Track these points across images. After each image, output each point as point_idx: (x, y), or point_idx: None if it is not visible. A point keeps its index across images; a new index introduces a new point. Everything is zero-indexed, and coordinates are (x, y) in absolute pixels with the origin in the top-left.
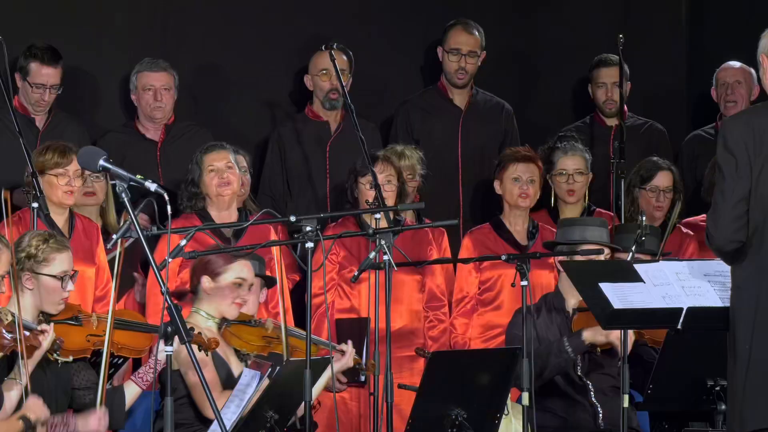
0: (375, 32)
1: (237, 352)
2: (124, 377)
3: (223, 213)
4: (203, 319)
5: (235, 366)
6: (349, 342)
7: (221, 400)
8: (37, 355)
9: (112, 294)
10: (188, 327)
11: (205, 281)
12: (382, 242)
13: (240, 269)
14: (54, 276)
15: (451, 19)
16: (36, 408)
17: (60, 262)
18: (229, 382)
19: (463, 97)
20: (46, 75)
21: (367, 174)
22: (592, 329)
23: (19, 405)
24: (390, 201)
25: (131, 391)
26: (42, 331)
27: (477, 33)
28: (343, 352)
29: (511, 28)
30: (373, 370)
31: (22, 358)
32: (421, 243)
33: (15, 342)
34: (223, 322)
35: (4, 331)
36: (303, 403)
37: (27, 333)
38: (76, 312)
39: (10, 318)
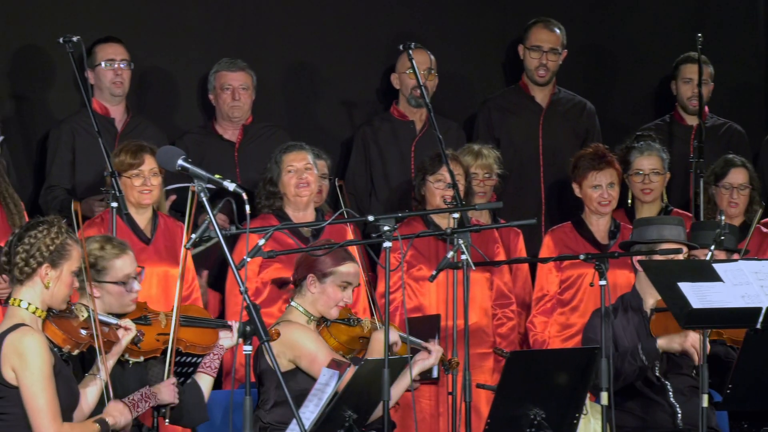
0: (457, 31)
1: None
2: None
3: (300, 213)
4: (301, 315)
5: None
6: (437, 339)
7: None
8: (116, 350)
9: (177, 291)
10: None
11: (311, 280)
12: (460, 242)
13: (348, 271)
14: (117, 283)
15: (532, 17)
16: (115, 412)
17: (121, 266)
18: None
19: (545, 95)
20: (112, 51)
21: (437, 172)
22: (667, 337)
23: (99, 402)
24: (462, 200)
25: (205, 383)
26: (120, 327)
27: (558, 31)
28: (429, 351)
29: (591, 26)
30: (456, 367)
31: (100, 353)
32: (488, 241)
33: (91, 338)
34: (323, 321)
35: (80, 327)
36: (381, 402)
37: (105, 329)
38: (144, 311)
39: (85, 314)
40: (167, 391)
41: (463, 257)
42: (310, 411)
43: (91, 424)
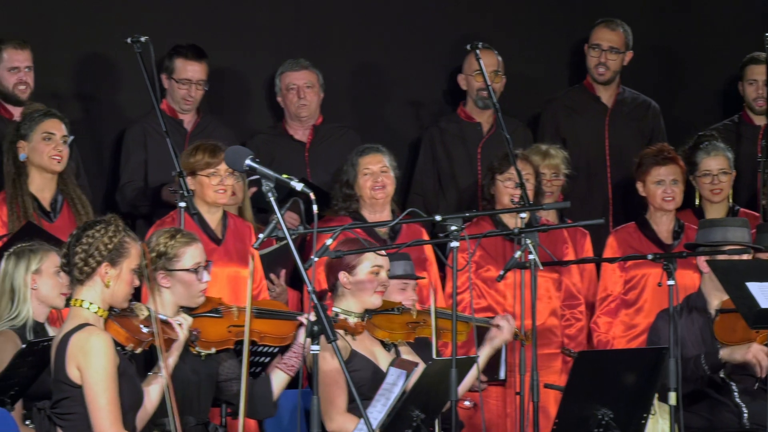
0: (524, 31)
1: (383, 343)
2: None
3: (377, 215)
4: (345, 317)
5: (383, 360)
6: (508, 315)
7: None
8: (176, 347)
9: (249, 283)
10: (334, 315)
11: (343, 276)
12: (528, 241)
13: (375, 258)
14: (187, 270)
15: (599, 17)
16: None
17: (191, 254)
18: (376, 379)
19: (610, 94)
20: (192, 70)
21: (506, 172)
22: (729, 348)
23: (161, 401)
24: (530, 200)
25: (278, 379)
26: (178, 323)
27: (621, 30)
28: (499, 326)
29: (658, 26)
30: (528, 340)
31: (161, 351)
32: (556, 242)
33: (153, 336)
34: (366, 315)
35: (141, 325)
36: (449, 402)
37: (165, 327)
38: (216, 304)
39: (146, 312)
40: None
41: (531, 257)
42: (378, 411)
43: None
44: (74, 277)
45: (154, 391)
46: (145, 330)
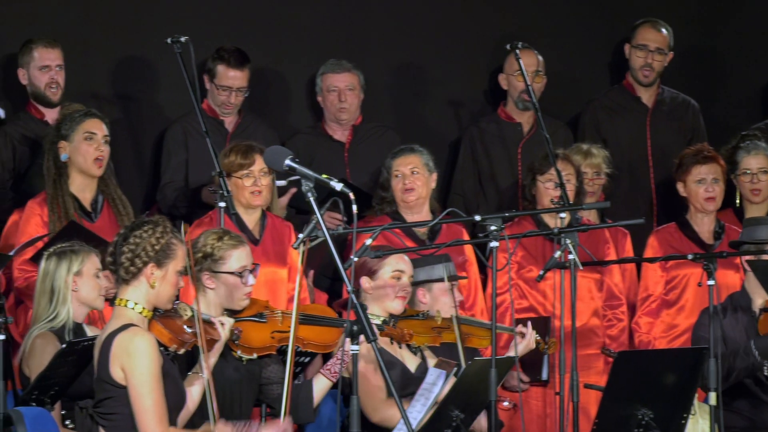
0: (563, 31)
1: (409, 346)
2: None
3: (416, 215)
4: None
5: (410, 362)
6: (528, 323)
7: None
8: (218, 347)
9: (296, 289)
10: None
11: (365, 281)
12: (567, 241)
13: (396, 262)
14: (232, 272)
15: (639, 17)
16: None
17: (237, 257)
18: (404, 379)
19: (650, 95)
20: (233, 78)
21: (546, 172)
22: None
23: (203, 401)
24: (570, 200)
25: (320, 385)
26: (220, 323)
27: (665, 31)
28: (523, 334)
29: (697, 27)
30: (556, 347)
31: (203, 352)
32: (598, 242)
33: (196, 336)
34: (390, 319)
35: (184, 326)
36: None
37: (208, 327)
38: (262, 308)
39: (189, 313)
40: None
41: (570, 257)
42: (417, 411)
43: None
44: (120, 277)
45: (195, 391)
46: (188, 331)
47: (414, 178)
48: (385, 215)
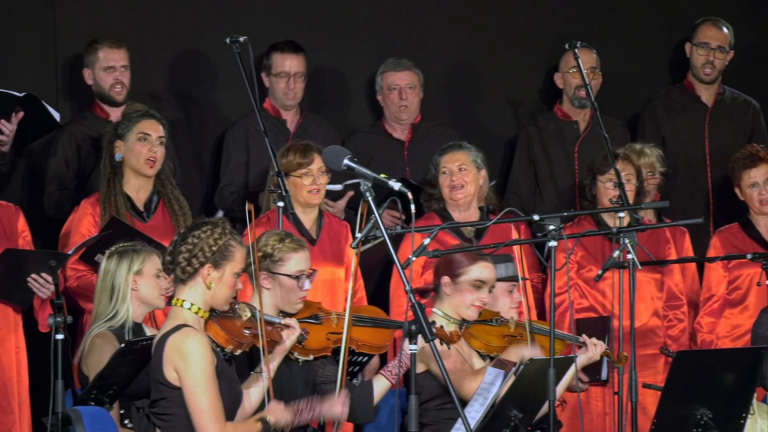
0: (622, 29)
1: (479, 353)
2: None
3: (464, 213)
4: (442, 319)
5: (479, 367)
6: (594, 339)
7: None
8: (280, 350)
9: (350, 291)
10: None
11: (445, 281)
12: (626, 241)
13: (481, 271)
14: (290, 275)
15: (699, 16)
16: (277, 411)
17: (296, 261)
18: None
19: (710, 94)
20: (289, 63)
21: (606, 172)
22: None
23: (263, 403)
24: (629, 200)
25: (380, 385)
26: (286, 326)
27: (726, 30)
28: (584, 344)
29: (758, 25)
30: (625, 362)
31: (264, 353)
32: (658, 242)
33: (254, 337)
34: (463, 323)
35: (243, 327)
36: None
37: (269, 328)
38: (316, 310)
39: (248, 314)
40: (336, 408)
41: (629, 257)
42: (476, 410)
43: (253, 423)
44: (177, 277)
45: (254, 392)
46: (246, 332)
47: (461, 175)
48: (433, 212)
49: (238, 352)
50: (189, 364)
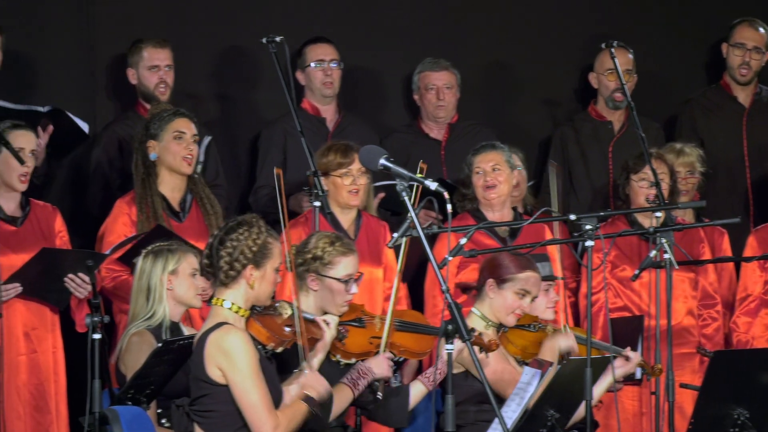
0: (658, 30)
1: (516, 359)
2: (411, 376)
3: (497, 213)
4: (479, 320)
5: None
6: (640, 340)
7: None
8: (321, 347)
9: (393, 294)
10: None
11: (491, 284)
12: (663, 240)
13: (526, 280)
14: (338, 279)
15: (735, 16)
16: (315, 383)
17: (345, 265)
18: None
19: (747, 94)
20: (322, 51)
21: (640, 171)
22: None
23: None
24: (665, 199)
25: (417, 391)
26: (325, 322)
27: (763, 30)
28: (628, 358)
29: None
30: (659, 374)
31: (304, 351)
32: (692, 241)
33: (294, 335)
34: (500, 327)
35: (284, 325)
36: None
37: (309, 326)
38: (360, 313)
39: (289, 311)
40: (382, 365)
41: (666, 256)
42: (512, 410)
43: (298, 404)
44: (219, 280)
45: (295, 389)
46: (287, 330)
47: (495, 175)
48: (467, 213)
49: (280, 349)
50: (234, 361)
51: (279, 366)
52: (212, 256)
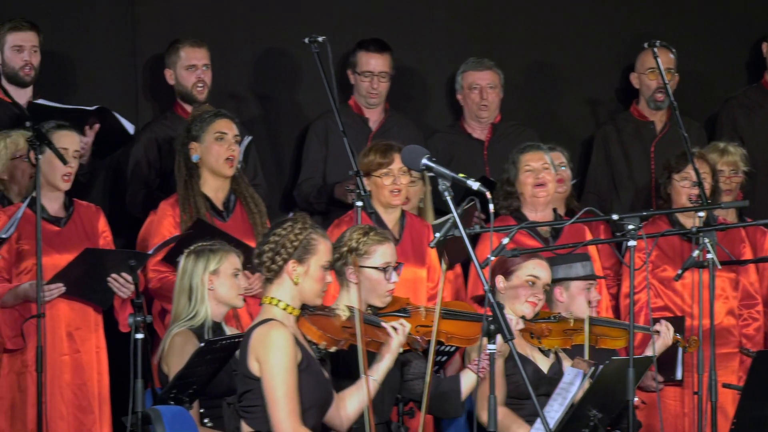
0: (699, 29)
1: (540, 348)
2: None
3: (538, 213)
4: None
5: (542, 363)
6: (662, 322)
7: None
8: (386, 353)
9: (441, 283)
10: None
11: (499, 281)
12: (706, 240)
13: (533, 267)
14: (377, 268)
15: None
16: None
17: (382, 253)
18: (536, 379)
19: None
20: (374, 63)
21: (683, 171)
22: None
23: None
24: (707, 198)
25: (468, 380)
26: (393, 329)
27: None
28: (658, 332)
29: None
30: (696, 345)
31: (363, 355)
32: (733, 241)
33: (351, 336)
34: (522, 320)
35: (342, 326)
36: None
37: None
38: (404, 304)
39: (347, 313)
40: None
41: (709, 256)
42: (555, 410)
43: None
44: (264, 276)
45: (353, 401)
46: (344, 331)
47: (546, 173)
48: (507, 213)
49: (333, 349)
50: (269, 355)
51: (335, 368)
52: (260, 253)
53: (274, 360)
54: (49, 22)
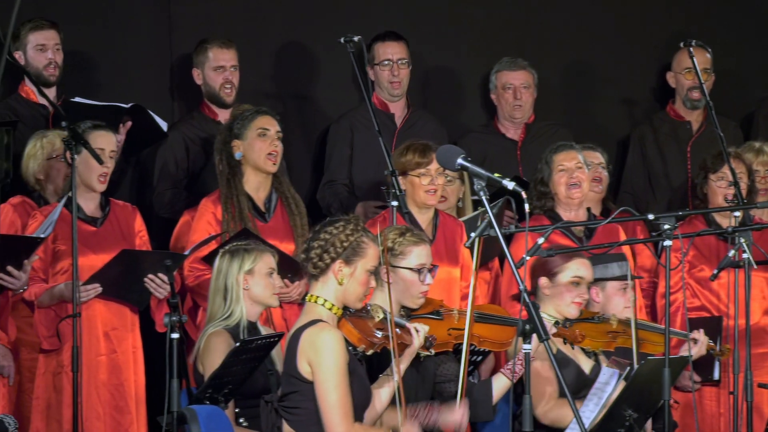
0: (735, 29)
1: (583, 349)
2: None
3: (572, 213)
4: (546, 321)
5: (584, 363)
6: (701, 330)
7: None
8: (408, 353)
9: (471, 285)
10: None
11: (543, 281)
12: (742, 240)
13: (577, 268)
14: (411, 269)
15: None
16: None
17: (417, 255)
18: (579, 380)
19: None
20: (391, 50)
21: (719, 171)
22: None
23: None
24: (744, 198)
25: (500, 384)
26: (414, 329)
27: None
28: (695, 340)
29: None
30: (729, 354)
31: (394, 355)
32: None
33: (386, 339)
34: (565, 321)
35: (375, 328)
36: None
37: (398, 331)
38: (438, 306)
39: (381, 315)
40: (455, 416)
41: (745, 256)
42: (590, 410)
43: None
44: (310, 272)
45: (385, 393)
46: (378, 333)
47: (579, 173)
48: (541, 213)
49: (370, 352)
50: (322, 358)
51: (369, 369)
52: (308, 249)
53: (327, 363)
54: (79, 22)
